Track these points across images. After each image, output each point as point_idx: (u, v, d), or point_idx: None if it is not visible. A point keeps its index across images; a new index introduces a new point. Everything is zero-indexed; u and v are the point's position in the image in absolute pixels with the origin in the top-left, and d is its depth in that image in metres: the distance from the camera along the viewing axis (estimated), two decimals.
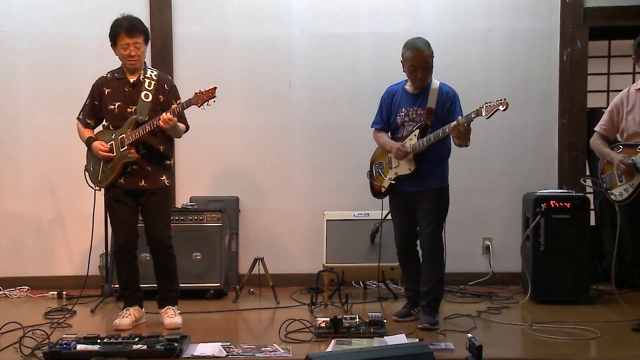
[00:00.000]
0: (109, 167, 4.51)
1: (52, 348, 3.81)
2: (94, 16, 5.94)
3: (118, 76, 4.57)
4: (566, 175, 5.93)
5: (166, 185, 4.59)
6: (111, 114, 4.53)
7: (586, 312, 4.96)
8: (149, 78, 4.53)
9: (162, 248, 4.59)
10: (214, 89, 4.36)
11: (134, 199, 4.55)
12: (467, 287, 5.77)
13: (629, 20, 5.84)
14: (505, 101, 4.17)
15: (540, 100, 5.96)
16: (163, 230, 4.59)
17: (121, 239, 4.56)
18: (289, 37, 6.02)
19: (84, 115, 4.65)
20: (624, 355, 3.98)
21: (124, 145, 4.44)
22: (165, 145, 4.59)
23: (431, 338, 4.21)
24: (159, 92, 4.54)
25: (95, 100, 4.60)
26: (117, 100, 4.51)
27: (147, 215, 4.58)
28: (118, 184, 4.51)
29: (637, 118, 4.39)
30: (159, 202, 4.56)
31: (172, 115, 4.33)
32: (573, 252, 5.24)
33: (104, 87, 4.56)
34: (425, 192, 4.52)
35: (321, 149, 6.05)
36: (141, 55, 4.50)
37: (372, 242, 5.48)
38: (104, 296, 5.31)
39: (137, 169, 4.49)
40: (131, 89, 4.51)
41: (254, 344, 4.08)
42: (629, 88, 4.52)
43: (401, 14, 5.95)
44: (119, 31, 4.45)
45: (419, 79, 4.51)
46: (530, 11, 5.92)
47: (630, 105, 4.45)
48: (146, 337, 3.97)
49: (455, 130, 4.28)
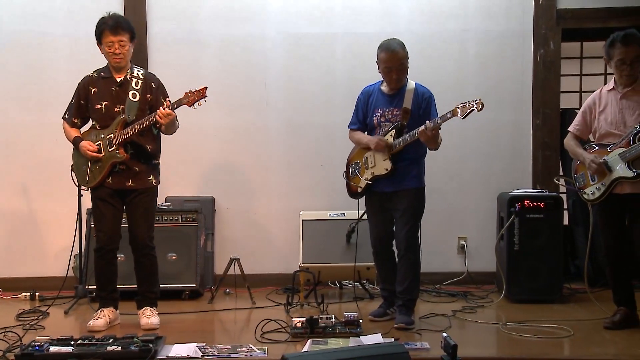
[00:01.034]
0: (97, 167, 4.48)
1: (24, 350, 3.75)
2: (66, 14, 5.91)
3: (104, 75, 4.53)
4: (540, 175, 5.97)
5: (153, 185, 4.58)
6: (98, 114, 4.50)
7: (559, 310, 5.00)
8: (135, 77, 4.51)
9: (144, 248, 4.57)
10: (205, 88, 4.36)
11: (120, 199, 4.53)
12: (442, 287, 5.79)
13: (601, 22, 5.89)
14: (480, 101, 4.20)
15: (514, 101, 6.01)
16: (146, 230, 4.57)
17: (102, 238, 4.52)
18: (264, 37, 6.01)
19: (70, 114, 4.61)
20: (595, 352, 4.01)
21: (112, 145, 4.41)
22: (153, 145, 4.57)
23: (407, 337, 4.22)
24: (147, 91, 4.51)
25: (81, 99, 4.55)
26: (104, 100, 4.48)
27: (132, 214, 4.55)
28: (106, 184, 4.48)
29: (609, 118, 4.45)
30: (145, 202, 4.55)
31: (170, 110, 4.31)
32: (547, 251, 5.28)
33: (90, 86, 4.52)
34: (401, 192, 4.53)
35: (297, 149, 6.05)
36: (126, 53, 4.46)
37: (348, 242, 5.49)
38: (77, 297, 5.26)
39: (125, 169, 4.47)
40: (118, 89, 4.49)
41: (229, 344, 4.06)
42: (601, 89, 4.57)
43: (376, 14, 5.97)
44: (104, 29, 4.42)
45: (394, 80, 4.53)
46: (504, 12, 5.96)
47: (602, 106, 4.50)
48: (121, 338, 3.93)
49: (422, 135, 4.32)
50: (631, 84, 4.38)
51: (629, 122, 4.36)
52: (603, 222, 4.56)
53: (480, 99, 4.21)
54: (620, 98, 4.41)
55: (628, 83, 4.38)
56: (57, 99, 5.73)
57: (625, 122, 4.38)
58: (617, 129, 4.40)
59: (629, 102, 4.38)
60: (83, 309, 5.10)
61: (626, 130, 4.35)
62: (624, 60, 4.33)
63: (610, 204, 4.44)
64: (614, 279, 4.58)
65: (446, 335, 3.34)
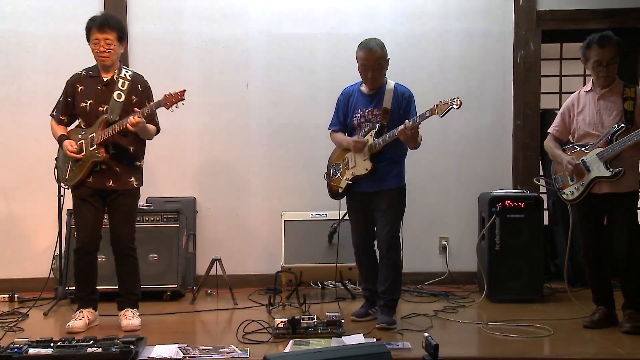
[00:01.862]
0: (77, 166, 4.45)
1: (2, 353, 3.72)
2: (45, 14, 5.86)
3: (92, 74, 4.52)
4: (520, 176, 6.00)
5: (134, 187, 4.55)
6: (83, 112, 4.48)
7: (540, 310, 5.03)
8: (123, 78, 4.49)
9: (125, 249, 4.55)
10: (184, 91, 4.34)
11: (101, 199, 4.50)
12: (424, 287, 5.80)
13: (580, 23, 5.93)
14: (458, 99, 4.23)
15: (495, 101, 6.04)
16: (127, 231, 4.55)
17: (83, 239, 4.50)
18: (246, 37, 6.00)
19: (58, 112, 4.58)
20: (575, 351, 4.03)
21: (93, 145, 4.39)
22: (136, 146, 4.55)
23: (389, 337, 4.23)
24: (132, 92, 4.49)
25: (68, 97, 4.53)
26: (90, 98, 4.46)
27: (113, 215, 4.53)
28: (87, 183, 4.45)
29: (587, 119, 4.48)
30: (126, 204, 4.52)
31: (139, 118, 4.28)
32: (527, 251, 5.31)
33: (78, 84, 4.51)
34: (382, 192, 4.54)
35: (279, 149, 6.04)
36: (112, 52, 4.43)
37: (330, 242, 5.49)
38: (58, 299, 5.21)
39: (106, 169, 4.44)
40: (104, 88, 4.47)
41: (211, 345, 4.06)
42: (580, 90, 4.61)
43: (358, 15, 5.97)
44: (91, 26, 4.43)
45: (369, 79, 4.54)
46: (485, 13, 5.99)
47: (580, 107, 4.53)
48: (101, 339, 3.91)
49: (402, 135, 4.34)
50: (608, 85, 4.43)
51: (606, 123, 4.40)
52: (582, 221, 4.60)
53: (459, 97, 4.23)
54: (597, 99, 4.45)
55: (605, 84, 4.43)
56: (35, 99, 5.71)
57: (603, 122, 4.42)
58: (596, 129, 4.44)
59: (607, 103, 4.43)
60: (63, 311, 5.05)
61: (604, 130, 4.39)
62: (600, 62, 4.37)
63: (588, 204, 4.48)
64: (593, 278, 4.61)
65: (428, 335, 3.35)
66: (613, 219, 4.47)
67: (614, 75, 4.43)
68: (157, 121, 4.59)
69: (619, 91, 4.42)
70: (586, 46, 4.44)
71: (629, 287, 4.47)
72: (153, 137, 4.61)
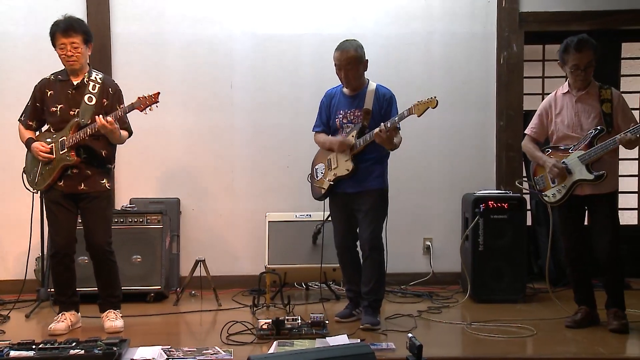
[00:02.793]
0: (47, 169, 4.41)
1: None
2: (27, 14, 5.84)
3: (61, 78, 4.48)
4: (504, 176, 6.03)
5: (106, 189, 4.52)
6: (53, 116, 4.44)
7: (523, 310, 5.06)
8: (93, 81, 4.45)
9: (102, 254, 4.50)
10: (157, 94, 4.32)
11: (73, 202, 4.46)
12: (408, 287, 5.81)
13: (562, 25, 5.95)
14: (434, 99, 4.25)
15: (479, 102, 6.06)
16: (103, 235, 4.50)
17: (59, 243, 4.46)
18: (230, 37, 5.99)
19: (26, 117, 4.55)
20: (557, 351, 4.07)
21: (64, 148, 4.35)
22: (108, 150, 4.52)
23: (373, 338, 4.24)
24: (103, 95, 4.45)
25: (37, 102, 4.50)
26: (60, 103, 4.43)
27: (87, 219, 4.48)
28: (57, 187, 4.41)
29: (566, 121, 4.51)
30: (99, 207, 4.48)
31: (110, 120, 4.25)
32: (510, 251, 5.33)
33: (47, 89, 4.47)
34: (364, 192, 4.55)
35: (263, 150, 6.03)
36: (80, 55, 4.40)
37: (314, 243, 5.49)
38: (39, 301, 5.18)
39: (77, 172, 4.40)
40: (74, 92, 4.43)
41: (195, 346, 4.05)
42: (556, 92, 4.64)
43: (342, 16, 5.98)
44: (55, 31, 4.39)
45: (343, 79, 4.57)
46: (468, 15, 6.01)
47: (558, 109, 4.56)
48: (84, 341, 3.89)
49: (377, 137, 4.34)
50: (585, 87, 4.47)
51: (585, 125, 4.43)
52: (563, 223, 4.63)
53: (435, 96, 4.25)
54: (575, 101, 4.49)
55: (582, 87, 4.47)
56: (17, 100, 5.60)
57: (581, 125, 4.45)
58: (574, 131, 4.47)
59: (584, 106, 4.46)
60: (45, 313, 5.02)
61: (583, 133, 4.42)
62: (578, 66, 4.40)
63: (570, 206, 4.51)
64: (574, 278, 4.65)
65: (412, 336, 3.36)
66: (595, 220, 4.50)
67: (590, 78, 4.47)
68: (128, 125, 4.56)
69: (595, 93, 4.46)
70: (563, 50, 4.47)
71: (611, 285, 4.51)
72: (124, 141, 4.56)
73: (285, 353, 3.57)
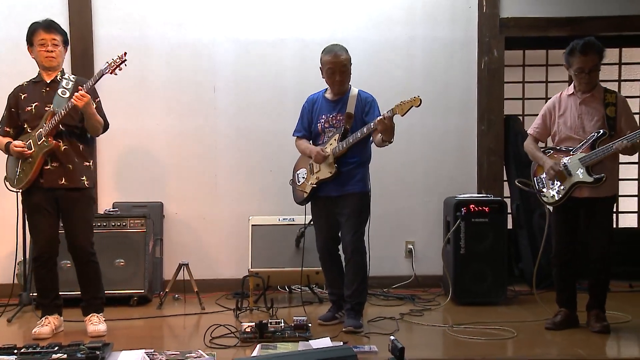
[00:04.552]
0: (28, 164, 4.39)
1: None
2: (8, 17, 5.81)
3: (35, 80, 4.53)
4: (485, 180, 6.05)
5: (86, 187, 4.50)
6: (29, 115, 4.44)
7: (503, 312, 5.08)
8: (66, 79, 4.50)
9: (85, 255, 4.48)
10: (125, 53, 4.33)
11: (55, 204, 4.43)
12: (390, 290, 5.83)
13: (541, 31, 6.02)
14: (418, 98, 4.25)
15: (460, 107, 6.09)
16: (85, 237, 4.48)
17: (41, 246, 4.44)
18: (213, 42, 5.98)
19: (2, 125, 4.55)
20: (537, 353, 4.10)
21: (41, 138, 4.34)
22: (85, 145, 4.52)
23: (355, 341, 4.24)
24: (77, 90, 4.42)
25: (12, 107, 4.51)
26: (34, 101, 4.44)
27: (68, 221, 4.46)
28: (39, 184, 4.39)
29: (569, 122, 4.52)
30: (80, 208, 4.46)
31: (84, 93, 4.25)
32: (491, 254, 5.35)
33: (20, 92, 4.50)
34: (346, 196, 4.56)
35: (246, 154, 6.03)
36: (59, 53, 4.45)
37: (297, 246, 5.49)
38: (22, 305, 5.14)
39: (57, 166, 4.39)
40: (48, 89, 4.46)
41: (178, 350, 4.03)
42: (561, 93, 4.63)
43: (325, 21, 5.99)
44: (36, 28, 4.43)
45: (337, 82, 4.57)
46: (450, 20, 6.04)
47: (562, 110, 4.57)
48: (67, 345, 3.86)
49: (381, 124, 4.30)
50: (589, 90, 4.47)
51: (587, 128, 4.45)
52: (558, 224, 4.61)
53: (418, 95, 4.25)
54: (579, 103, 4.49)
55: (587, 90, 4.47)
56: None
57: (584, 127, 4.46)
58: (576, 133, 4.48)
59: (588, 108, 4.47)
60: (27, 317, 4.99)
61: (585, 135, 4.43)
62: (582, 69, 4.41)
63: (567, 207, 4.51)
64: (561, 279, 4.65)
65: (394, 338, 3.38)
66: (591, 223, 4.50)
67: (595, 81, 4.48)
68: (104, 114, 4.55)
69: (600, 97, 4.46)
70: (569, 52, 4.46)
71: (597, 287, 4.54)
72: (100, 131, 4.54)
73: (269, 356, 3.58)
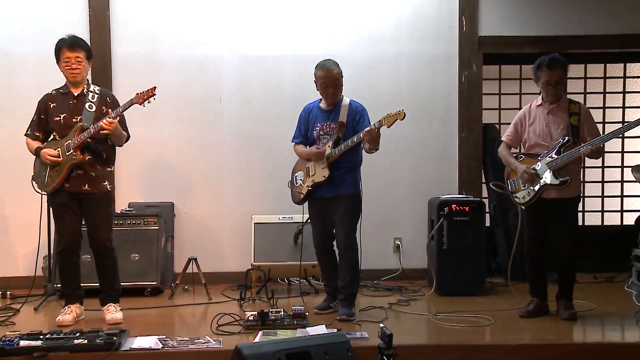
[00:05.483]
0: (55, 171, 4.41)
1: None
2: (35, 36, 5.81)
3: (62, 91, 4.51)
4: (465, 182, 6.06)
5: (108, 190, 4.52)
6: (57, 125, 4.45)
7: (482, 302, 5.09)
8: (92, 92, 4.49)
9: (104, 250, 4.50)
10: (154, 88, 4.35)
11: (78, 204, 4.46)
12: (380, 282, 5.83)
13: (516, 48, 6.05)
14: (402, 111, 4.27)
15: (443, 116, 6.09)
16: (105, 233, 4.50)
17: (66, 241, 4.45)
18: (219, 58, 5.99)
19: (32, 130, 4.55)
20: (512, 338, 4.12)
21: (70, 149, 4.35)
22: (108, 153, 4.53)
23: (348, 328, 4.25)
24: (102, 103, 4.48)
25: (41, 114, 4.51)
26: (63, 112, 4.44)
27: (90, 219, 4.48)
28: (64, 188, 4.41)
29: (537, 130, 4.55)
30: (101, 207, 4.48)
31: (113, 118, 4.28)
32: (471, 250, 5.36)
33: (49, 101, 4.49)
34: (339, 197, 4.58)
35: (249, 158, 6.04)
36: (82, 69, 4.44)
37: (295, 242, 5.50)
38: (47, 295, 5.16)
39: (82, 174, 4.41)
40: (75, 101, 4.45)
41: (187, 336, 4.05)
42: (531, 104, 4.66)
43: (320, 38, 6.00)
44: (61, 46, 4.42)
45: (330, 94, 4.59)
46: (433, 39, 6.05)
47: (531, 119, 4.59)
48: (87, 332, 3.89)
49: (368, 135, 4.34)
50: (556, 101, 4.51)
51: (554, 135, 4.48)
52: (529, 222, 4.64)
53: (403, 109, 4.27)
54: (547, 113, 4.52)
55: (553, 101, 4.50)
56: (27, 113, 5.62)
57: (551, 134, 4.49)
58: (544, 140, 4.52)
59: (555, 118, 4.50)
60: (52, 306, 5.00)
61: (552, 142, 4.47)
62: (549, 82, 4.44)
63: (536, 207, 4.54)
64: (532, 272, 4.68)
65: (383, 326, 3.39)
66: (558, 221, 4.53)
67: (561, 93, 4.52)
68: (126, 127, 4.57)
69: (565, 107, 4.49)
70: (537, 67, 4.50)
71: (565, 279, 4.57)
72: (123, 143, 4.58)
73: (270, 342, 3.59)
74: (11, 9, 5.82)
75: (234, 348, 3.31)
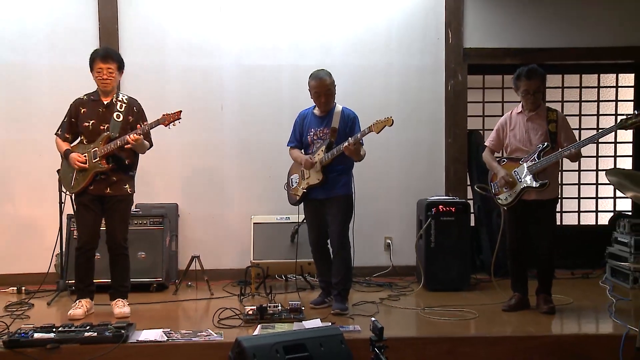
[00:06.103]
0: (81, 175, 4.43)
1: (11, 337, 3.70)
2: (49, 47, 5.80)
3: (93, 98, 4.51)
4: (451, 184, 6.07)
5: (129, 193, 4.55)
6: (86, 130, 4.46)
7: (467, 297, 5.10)
8: (120, 101, 4.50)
9: (119, 248, 4.53)
10: (180, 112, 4.39)
11: (100, 204, 4.48)
12: (371, 279, 5.84)
13: (499, 59, 6.07)
14: (390, 118, 4.29)
15: (430, 123, 6.09)
16: (121, 233, 4.53)
17: (85, 239, 4.46)
18: (220, 68, 5.99)
19: (63, 131, 4.56)
20: (495, 331, 4.14)
21: (96, 157, 4.38)
22: (131, 159, 4.56)
23: (342, 322, 4.27)
24: (129, 113, 4.50)
25: (72, 117, 4.52)
26: (92, 119, 4.45)
27: (110, 219, 4.51)
28: (88, 191, 4.44)
29: (518, 136, 4.57)
30: (121, 209, 4.51)
31: (139, 135, 4.33)
32: (457, 248, 5.37)
33: (80, 106, 4.50)
34: (333, 198, 4.59)
35: (248, 162, 6.04)
36: (113, 79, 4.45)
37: (292, 241, 5.50)
38: (59, 290, 5.16)
39: (105, 178, 4.44)
40: (105, 110, 4.46)
41: (191, 329, 4.06)
42: (512, 111, 4.68)
43: (315, 49, 6.00)
44: (95, 57, 4.44)
45: (322, 103, 4.60)
46: (421, 50, 6.06)
47: (512, 125, 4.61)
48: (96, 325, 3.90)
49: (346, 150, 4.39)
50: (535, 109, 4.53)
51: (534, 141, 4.50)
52: (510, 222, 4.66)
53: (391, 116, 4.30)
54: (526, 120, 4.55)
55: (532, 108, 4.53)
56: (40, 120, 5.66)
57: (530, 140, 4.52)
58: (524, 145, 4.54)
59: (534, 124, 4.52)
60: (64, 301, 5.00)
61: (532, 147, 4.49)
62: (528, 91, 4.47)
63: (518, 208, 4.56)
64: (514, 268, 4.69)
65: (374, 320, 3.39)
66: (537, 221, 4.55)
67: (539, 101, 4.54)
68: (150, 137, 4.60)
69: (543, 114, 4.52)
70: (516, 77, 4.52)
71: (544, 275, 4.59)
72: (146, 151, 4.62)
73: (268, 335, 3.59)
74: (27, 23, 5.80)
75: (235, 340, 3.32)
